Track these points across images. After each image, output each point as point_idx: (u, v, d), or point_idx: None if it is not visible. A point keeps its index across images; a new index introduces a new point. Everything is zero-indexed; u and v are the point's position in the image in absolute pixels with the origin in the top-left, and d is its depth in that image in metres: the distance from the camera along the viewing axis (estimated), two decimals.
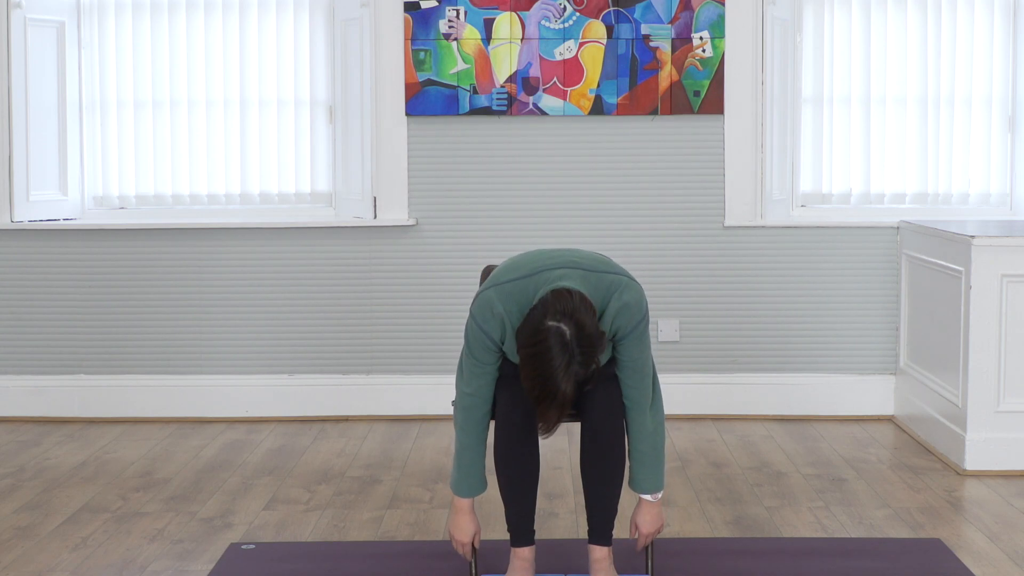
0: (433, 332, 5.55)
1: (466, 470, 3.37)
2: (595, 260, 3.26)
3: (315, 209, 5.67)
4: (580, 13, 5.39)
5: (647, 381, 3.29)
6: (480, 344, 3.21)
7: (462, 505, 3.41)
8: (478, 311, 3.20)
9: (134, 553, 3.79)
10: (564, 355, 2.97)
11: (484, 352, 3.22)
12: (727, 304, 5.53)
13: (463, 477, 3.37)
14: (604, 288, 3.19)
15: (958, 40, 5.60)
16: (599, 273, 3.21)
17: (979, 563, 3.66)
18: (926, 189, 5.65)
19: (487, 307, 3.18)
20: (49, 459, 4.91)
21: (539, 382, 2.99)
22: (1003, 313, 4.61)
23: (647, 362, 3.28)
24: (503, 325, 3.17)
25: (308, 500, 4.35)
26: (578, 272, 3.19)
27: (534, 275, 3.19)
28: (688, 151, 5.49)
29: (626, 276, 3.24)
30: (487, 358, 3.24)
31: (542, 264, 3.22)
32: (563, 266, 3.20)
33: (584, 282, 3.16)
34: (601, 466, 3.31)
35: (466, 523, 3.41)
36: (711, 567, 3.62)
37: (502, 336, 3.18)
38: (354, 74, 5.49)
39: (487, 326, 3.18)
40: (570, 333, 2.98)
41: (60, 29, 5.55)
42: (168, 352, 5.58)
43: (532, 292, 3.15)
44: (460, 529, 3.42)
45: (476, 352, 3.23)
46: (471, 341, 3.23)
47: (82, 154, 5.68)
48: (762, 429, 5.34)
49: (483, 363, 3.24)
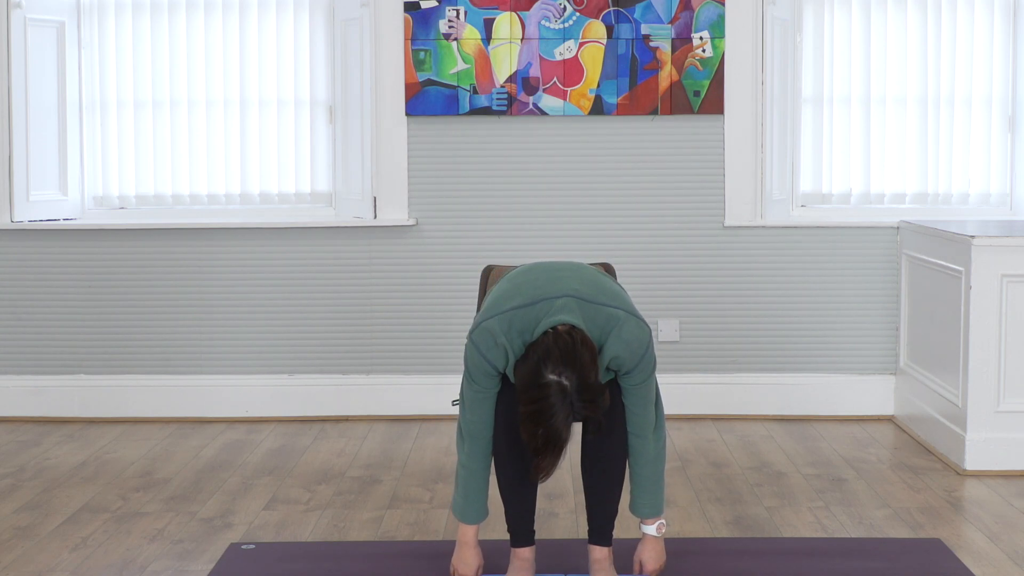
0: (433, 332, 5.55)
1: (473, 496, 3.36)
2: (597, 287, 3.25)
3: (315, 209, 5.67)
4: (580, 13, 5.39)
5: (650, 408, 3.29)
6: (482, 371, 3.21)
7: (467, 537, 3.41)
8: (480, 340, 3.19)
9: (134, 553, 3.79)
10: (564, 409, 2.98)
11: (486, 378, 3.23)
12: (727, 304, 5.53)
13: (469, 503, 3.36)
14: (602, 322, 3.18)
15: (958, 40, 5.60)
16: (598, 305, 3.19)
17: (979, 563, 3.66)
18: (926, 189, 5.65)
19: (490, 337, 3.17)
20: (49, 459, 4.91)
21: (541, 437, 2.99)
22: (1003, 313, 4.61)
23: (651, 391, 3.28)
24: (506, 354, 3.17)
25: (308, 500, 4.35)
26: (577, 303, 3.17)
27: (536, 304, 3.18)
28: (688, 151, 5.49)
29: (624, 310, 3.21)
30: (488, 384, 3.24)
31: (544, 291, 3.21)
32: (565, 294, 3.19)
33: (583, 315, 3.15)
34: (602, 467, 3.32)
35: (471, 556, 3.41)
36: (711, 567, 3.62)
37: (505, 364, 3.18)
38: (354, 74, 5.49)
39: (490, 355, 3.18)
40: (571, 386, 2.98)
41: (60, 29, 5.55)
42: (168, 352, 5.58)
43: (533, 321, 3.15)
44: (465, 563, 3.42)
45: (477, 379, 3.23)
46: (472, 369, 3.23)
47: (82, 154, 5.68)
48: (762, 429, 5.34)
49: (485, 388, 3.25)
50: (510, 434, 3.27)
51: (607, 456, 3.30)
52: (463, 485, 3.35)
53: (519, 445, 3.26)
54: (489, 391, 3.25)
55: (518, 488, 3.33)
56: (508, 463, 3.30)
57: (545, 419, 2.97)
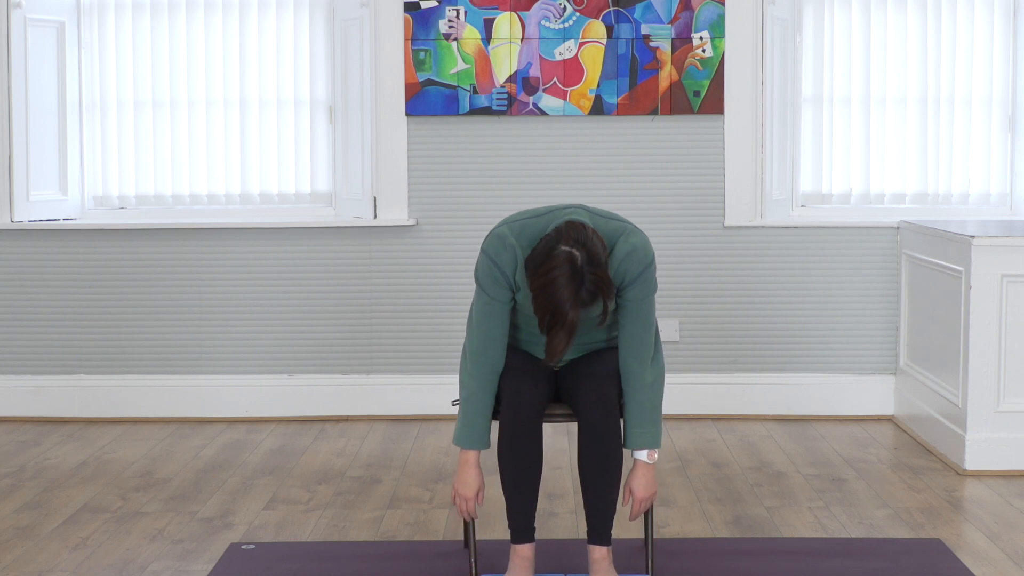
0: (433, 332, 5.55)
1: (471, 419, 3.34)
2: (605, 211, 3.34)
3: (315, 209, 5.67)
4: (580, 13, 5.39)
5: (650, 331, 3.30)
6: (490, 277, 3.24)
7: (467, 457, 3.37)
8: (490, 246, 3.24)
9: (134, 553, 3.79)
10: (574, 281, 3.02)
11: (494, 286, 3.25)
12: (727, 304, 5.53)
13: (466, 426, 3.35)
14: (611, 232, 3.25)
15: (958, 40, 5.60)
16: (607, 219, 3.28)
17: (979, 563, 3.66)
18: (926, 189, 5.65)
19: (500, 241, 3.23)
20: (49, 459, 4.91)
21: (549, 308, 3.03)
22: (1003, 313, 4.61)
23: (651, 312, 3.30)
24: (515, 258, 3.21)
25: (308, 500, 4.35)
26: (588, 213, 3.26)
27: (546, 214, 3.27)
28: (688, 151, 5.49)
29: (632, 224, 3.29)
30: (496, 292, 3.26)
31: (554, 206, 3.31)
32: (575, 207, 3.29)
33: (593, 223, 3.22)
34: (599, 466, 3.31)
35: (471, 476, 3.37)
36: (711, 567, 3.62)
37: (514, 270, 3.22)
38: (354, 74, 5.49)
39: (500, 259, 3.22)
40: (581, 259, 3.04)
41: (60, 29, 5.55)
42: (168, 352, 5.58)
43: (544, 229, 3.21)
44: (464, 483, 3.38)
45: (486, 286, 3.26)
46: (482, 277, 3.27)
47: (82, 154, 5.68)
48: (762, 429, 5.34)
49: (492, 299, 3.26)
50: (513, 429, 3.28)
51: (603, 455, 3.30)
52: (463, 409, 3.35)
53: (524, 438, 3.26)
54: (496, 302, 3.27)
55: (521, 483, 3.33)
56: (510, 459, 3.30)
57: (554, 287, 3.02)
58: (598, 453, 3.30)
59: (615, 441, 3.30)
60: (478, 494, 3.39)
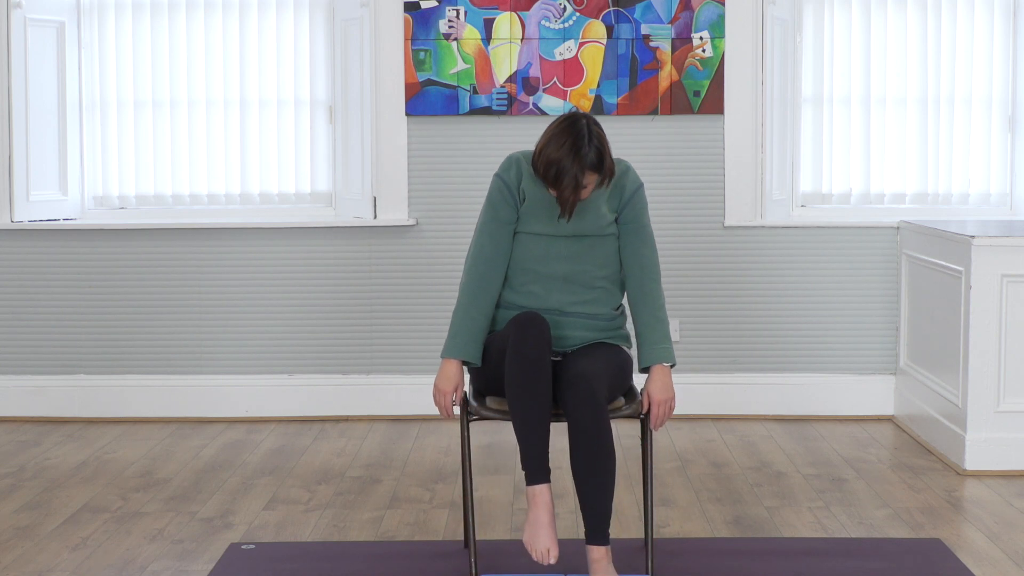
0: (433, 332, 5.54)
1: (455, 329, 3.50)
2: None
3: (315, 209, 5.67)
4: (580, 13, 5.39)
5: (655, 251, 3.54)
6: (497, 191, 3.48)
7: (449, 361, 3.49)
8: (500, 167, 3.52)
9: (134, 553, 3.79)
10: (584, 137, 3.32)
11: (502, 204, 3.48)
12: (727, 304, 5.53)
13: (451, 336, 3.50)
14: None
15: (958, 40, 5.60)
16: None
17: (979, 563, 3.66)
18: (926, 189, 5.65)
19: (508, 160, 3.51)
20: (49, 459, 4.91)
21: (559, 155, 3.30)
22: (1003, 313, 4.61)
23: (652, 234, 3.55)
24: (520, 170, 3.47)
25: (308, 500, 4.35)
26: None
27: None
28: (688, 151, 5.49)
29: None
30: (501, 204, 3.48)
31: None
32: None
33: None
34: (591, 466, 3.31)
35: (451, 371, 3.48)
36: (711, 567, 3.62)
37: (519, 180, 3.46)
38: (354, 74, 5.49)
39: (507, 175, 3.48)
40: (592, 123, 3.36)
41: (60, 29, 5.55)
42: (168, 352, 5.58)
43: None
44: (444, 377, 3.48)
45: (495, 202, 3.48)
46: (492, 193, 3.50)
47: (82, 154, 5.68)
48: (762, 429, 5.34)
49: (498, 219, 3.48)
50: (520, 365, 3.30)
51: (595, 455, 3.29)
52: (453, 319, 3.51)
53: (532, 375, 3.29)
54: (499, 222, 3.48)
55: (532, 419, 3.30)
56: (520, 394, 3.30)
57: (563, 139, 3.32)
58: (590, 454, 3.30)
59: (606, 441, 3.30)
60: (456, 389, 3.48)
